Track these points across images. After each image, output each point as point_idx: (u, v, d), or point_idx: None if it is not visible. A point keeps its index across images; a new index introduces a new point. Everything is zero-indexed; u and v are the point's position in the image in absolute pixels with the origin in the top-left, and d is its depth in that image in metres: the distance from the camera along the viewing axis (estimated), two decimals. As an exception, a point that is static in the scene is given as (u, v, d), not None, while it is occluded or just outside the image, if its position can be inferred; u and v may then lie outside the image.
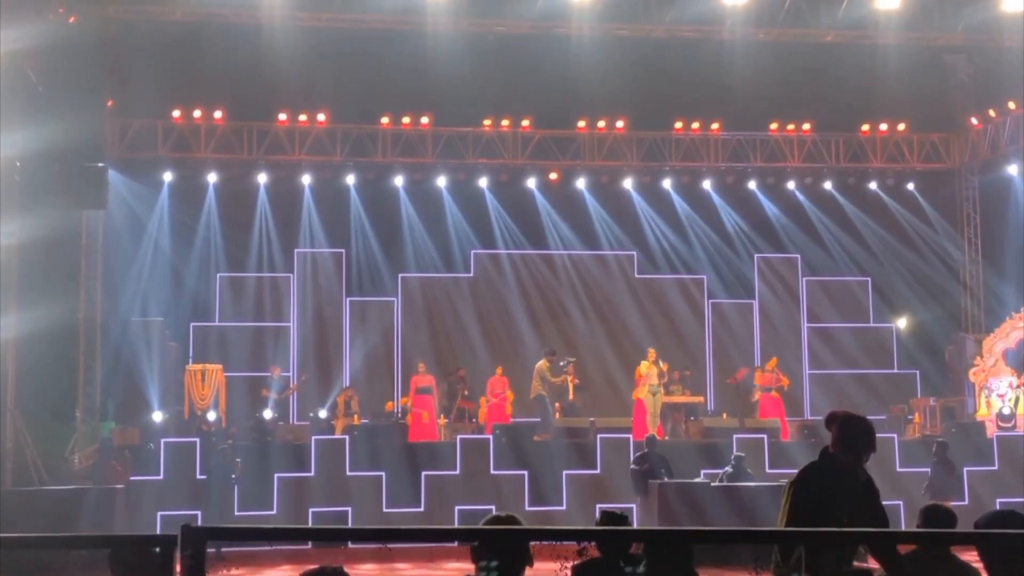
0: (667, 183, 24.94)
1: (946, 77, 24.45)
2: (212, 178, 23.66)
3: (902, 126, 25.12)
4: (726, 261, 25.04)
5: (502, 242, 24.45)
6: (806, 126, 24.81)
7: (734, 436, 19.46)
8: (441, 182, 24.38)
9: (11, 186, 17.44)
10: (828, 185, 25.29)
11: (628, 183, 24.87)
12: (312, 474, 18.35)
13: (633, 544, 6.69)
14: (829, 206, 25.28)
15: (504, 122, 24.01)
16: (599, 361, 23.77)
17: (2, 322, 17.50)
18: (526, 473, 18.77)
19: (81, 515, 15.81)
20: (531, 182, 24.64)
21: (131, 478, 18.08)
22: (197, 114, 23.15)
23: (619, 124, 24.37)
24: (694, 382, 23.35)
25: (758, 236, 25.06)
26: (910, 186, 25.52)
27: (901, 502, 16.84)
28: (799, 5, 21.24)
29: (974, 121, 24.84)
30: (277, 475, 18.14)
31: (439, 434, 21.15)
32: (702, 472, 18.20)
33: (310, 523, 17.59)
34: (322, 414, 21.80)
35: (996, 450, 19.58)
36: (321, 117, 23.53)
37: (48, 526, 14.31)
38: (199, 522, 15.14)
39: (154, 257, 23.14)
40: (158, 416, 20.71)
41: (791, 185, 25.22)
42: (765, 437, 19.75)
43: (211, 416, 20.52)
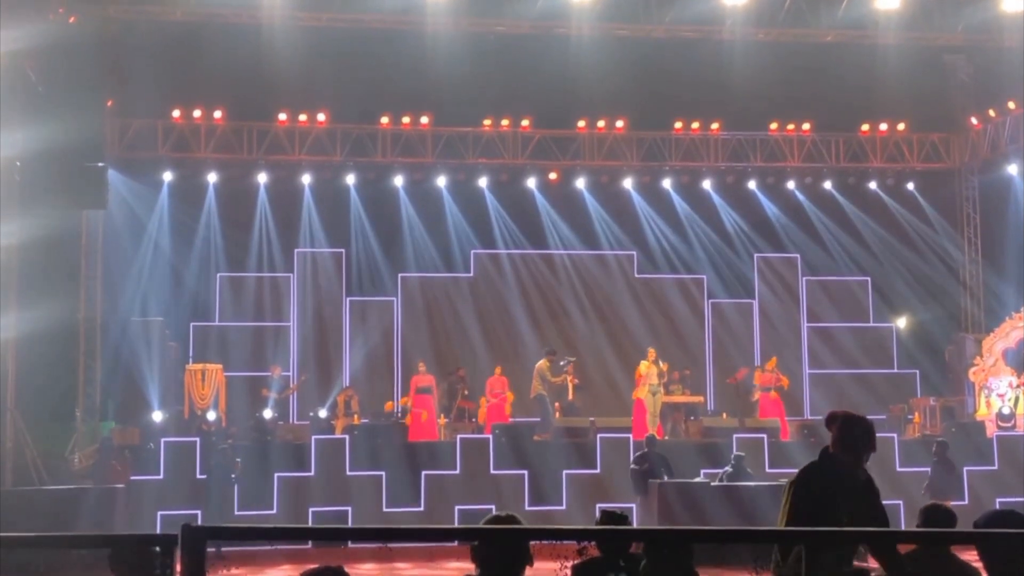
0: (667, 183, 24.95)
1: (946, 77, 24.45)
2: (212, 178, 23.67)
3: (902, 126, 25.11)
4: (726, 261, 25.04)
5: (502, 242, 24.45)
6: (806, 126, 24.80)
7: (734, 436, 19.46)
8: (441, 182, 24.38)
9: (11, 186, 17.43)
10: (828, 185, 25.29)
11: (628, 183, 24.88)
12: (312, 474, 18.34)
13: (633, 544, 6.71)
14: (829, 206, 25.27)
15: (504, 122, 24.01)
16: (599, 361, 23.77)
17: (2, 322, 17.49)
18: (526, 473, 18.77)
19: (81, 515, 15.80)
20: (531, 182, 24.64)
21: (131, 478, 18.08)
22: (197, 114, 23.16)
23: (619, 124, 24.37)
24: (694, 382, 23.35)
25: (758, 236, 25.06)
26: (910, 186, 25.52)
27: (901, 502, 16.83)
28: (799, 5, 21.24)
29: (974, 121, 24.84)
30: (277, 475, 18.13)
31: (439, 434, 21.15)
32: (702, 472, 18.20)
33: (310, 523, 17.58)
34: (322, 414, 21.80)
35: (996, 450, 19.58)
36: (321, 117, 23.54)
37: (48, 526, 14.28)
38: (199, 522, 15.13)
39: (154, 257, 23.15)
40: (158, 416, 20.71)
41: (791, 185, 25.22)
42: (765, 437, 19.75)
43: (211, 416, 20.52)
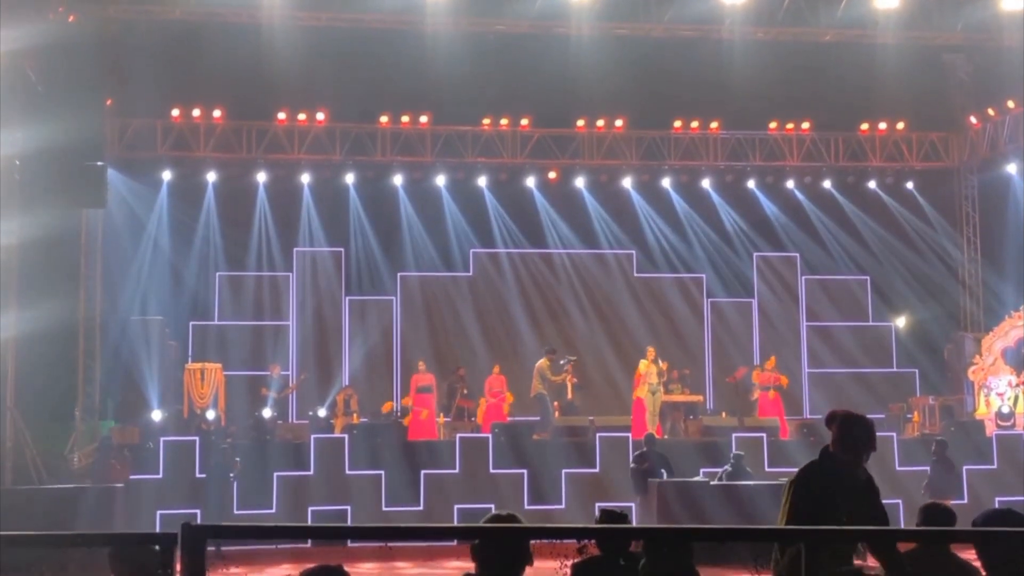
0: (666, 182, 24.94)
1: (945, 76, 24.44)
2: (211, 177, 23.66)
3: (901, 125, 25.11)
4: (725, 260, 25.04)
5: (501, 241, 24.44)
6: (805, 125, 24.80)
7: (733, 435, 19.47)
8: (440, 181, 24.37)
9: (11, 185, 17.43)
10: (827, 184, 25.28)
11: (627, 182, 24.87)
12: (311, 473, 18.35)
13: (633, 542, 6.71)
14: (828, 205, 25.27)
15: (503, 121, 24.01)
16: (598, 360, 23.77)
17: (2, 321, 17.48)
18: (525, 472, 18.78)
19: (80, 514, 15.79)
20: (530, 181, 24.63)
21: (130, 477, 18.08)
22: (196, 113, 23.16)
23: (618, 123, 24.37)
24: (693, 381, 23.35)
25: (757, 235, 25.06)
26: (909, 185, 25.52)
27: (900, 501, 16.85)
28: (798, 4, 21.23)
29: (973, 120, 24.83)
30: (276, 474, 18.14)
31: (438, 433, 21.15)
32: (701, 471, 18.21)
33: (309, 522, 17.58)
34: (321, 413, 21.81)
35: (995, 449, 19.60)
36: (320, 116, 23.53)
37: (48, 525, 14.29)
38: (198, 521, 15.14)
39: (153, 256, 23.14)
40: (157, 415, 20.71)
41: (790, 184, 25.22)
42: (764, 436, 19.75)
43: (210, 415, 20.51)
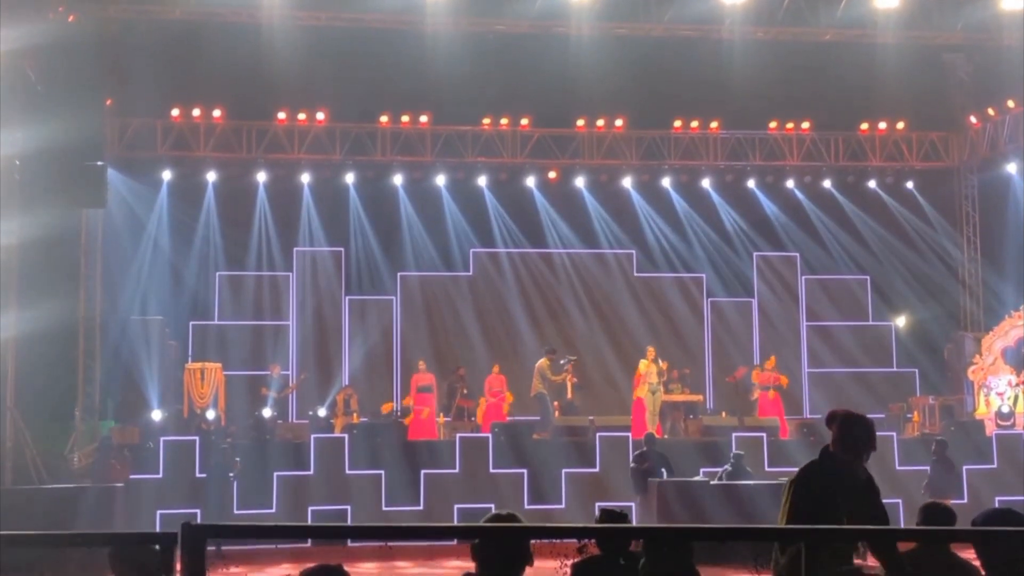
0: (666, 182, 24.94)
1: (945, 76, 24.44)
2: (211, 177, 23.66)
3: (901, 125, 25.10)
4: (725, 260, 25.03)
5: (501, 241, 24.44)
6: (805, 125, 24.80)
7: (733, 434, 19.48)
8: (440, 181, 24.36)
9: (11, 185, 17.42)
10: (827, 184, 25.28)
11: (627, 182, 24.87)
12: (311, 473, 18.35)
13: (633, 542, 6.71)
14: (828, 204, 25.26)
15: (503, 121, 24.00)
16: (598, 360, 23.77)
17: (2, 321, 17.48)
18: (525, 472, 18.78)
19: (80, 514, 15.79)
20: (530, 181, 24.63)
21: (130, 477, 18.07)
22: (196, 113, 23.16)
23: (618, 123, 24.36)
24: (693, 380, 23.35)
25: (757, 235, 25.06)
26: (909, 184, 25.51)
27: (900, 500, 16.85)
28: (798, 4, 21.22)
29: (973, 120, 24.83)
30: (276, 473, 18.14)
31: (438, 433, 21.15)
32: (701, 470, 18.22)
33: (309, 522, 17.57)
34: (321, 412, 21.81)
35: (995, 448, 19.60)
36: (320, 116, 23.53)
37: (48, 525, 14.30)
38: (198, 520, 15.14)
39: (153, 256, 23.14)
40: (157, 415, 20.71)
41: (790, 184, 25.21)
42: (764, 435, 19.76)
43: (210, 415, 20.52)
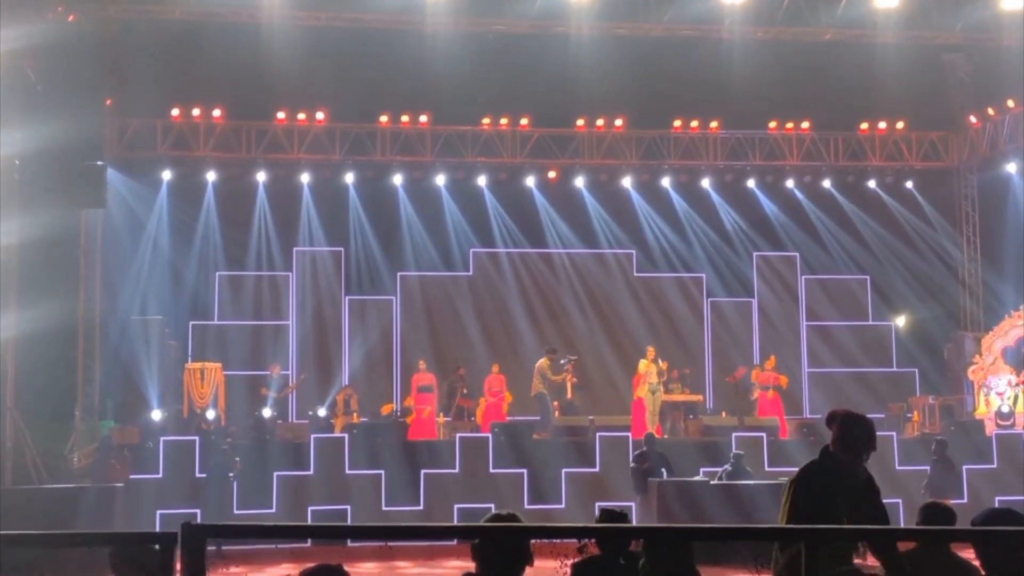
0: (666, 181, 24.94)
1: (945, 75, 24.43)
2: (211, 177, 23.65)
3: (901, 124, 25.10)
4: (725, 260, 25.03)
5: (501, 241, 24.44)
6: (805, 124, 24.80)
7: (733, 434, 19.48)
8: (440, 181, 24.36)
9: (10, 185, 17.42)
10: (827, 183, 25.28)
11: (627, 182, 24.87)
12: (311, 473, 18.35)
13: (633, 542, 6.71)
14: (828, 204, 25.27)
15: (503, 121, 24.00)
16: (598, 360, 23.76)
17: (2, 321, 17.48)
18: (525, 472, 18.78)
19: (80, 514, 15.78)
20: (530, 181, 24.63)
21: (130, 477, 18.07)
22: (196, 113, 23.16)
23: (618, 123, 24.36)
24: (693, 380, 23.35)
25: (757, 234, 25.06)
26: (909, 184, 25.51)
27: (900, 500, 16.85)
28: (798, 4, 21.22)
29: (973, 119, 24.83)
30: (276, 473, 18.14)
31: (438, 433, 21.15)
32: (701, 470, 18.22)
33: (309, 522, 17.55)
34: (321, 412, 21.81)
35: (995, 448, 19.61)
36: (320, 116, 23.53)
37: (47, 525, 14.28)
38: (198, 520, 15.14)
39: (153, 256, 23.14)
40: (157, 415, 20.71)
41: (790, 183, 25.21)
42: (764, 435, 19.76)
43: (210, 415, 20.51)
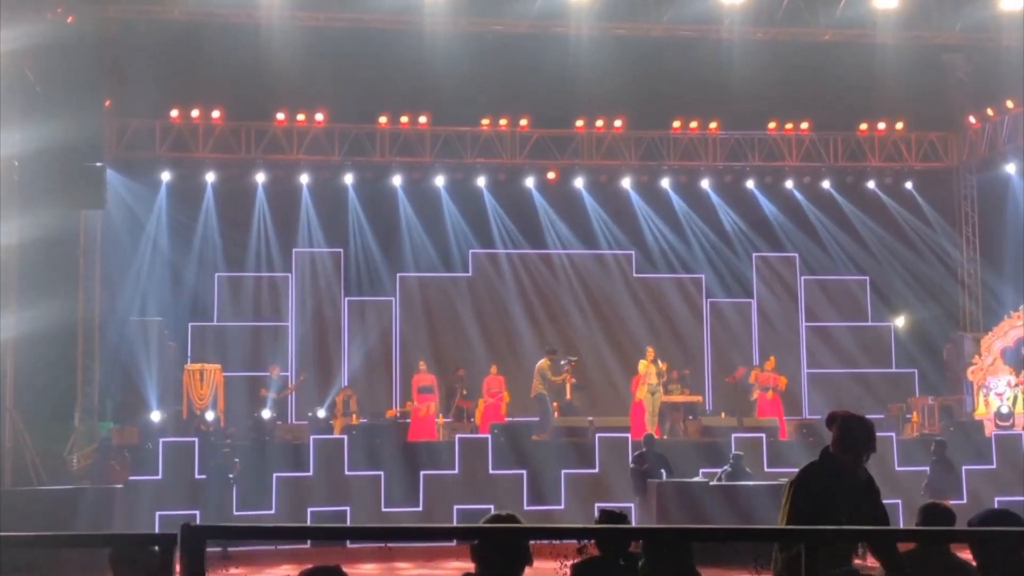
0: (665, 182, 24.94)
1: (944, 76, 24.43)
2: (210, 178, 23.65)
3: (900, 125, 25.10)
4: (724, 260, 25.04)
5: (500, 242, 24.44)
6: (804, 125, 24.80)
7: (732, 435, 19.46)
8: (439, 181, 24.36)
9: (9, 186, 17.41)
10: (826, 184, 25.28)
11: (626, 182, 24.87)
12: (311, 474, 18.33)
13: (632, 542, 6.71)
14: (827, 205, 25.27)
15: (502, 121, 24.00)
16: (598, 360, 23.76)
17: (2, 322, 17.47)
18: (525, 472, 18.76)
19: (80, 515, 15.75)
20: (529, 181, 24.63)
21: (130, 478, 18.04)
22: (195, 114, 23.16)
23: (617, 123, 24.36)
24: (693, 381, 23.36)
25: (756, 235, 25.07)
26: (908, 185, 25.51)
27: (900, 501, 16.83)
28: (797, 4, 21.21)
29: (972, 120, 24.83)
30: (275, 475, 18.11)
31: (438, 433, 21.14)
32: (701, 471, 18.19)
33: (309, 523, 17.54)
34: (321, 413, 21.80)
35: (995, 449, 19.59)
36: (319, 117, 23.53)
37: (47, 526, 14.22)
38: (198, 522, 15.13)
39: (152, 257, 23.14)
40: (156, 416, 20.70)
41: (789, 184, 25.22)
42: (764, 436, 19.74)
43: (209, 416, 20.51)
